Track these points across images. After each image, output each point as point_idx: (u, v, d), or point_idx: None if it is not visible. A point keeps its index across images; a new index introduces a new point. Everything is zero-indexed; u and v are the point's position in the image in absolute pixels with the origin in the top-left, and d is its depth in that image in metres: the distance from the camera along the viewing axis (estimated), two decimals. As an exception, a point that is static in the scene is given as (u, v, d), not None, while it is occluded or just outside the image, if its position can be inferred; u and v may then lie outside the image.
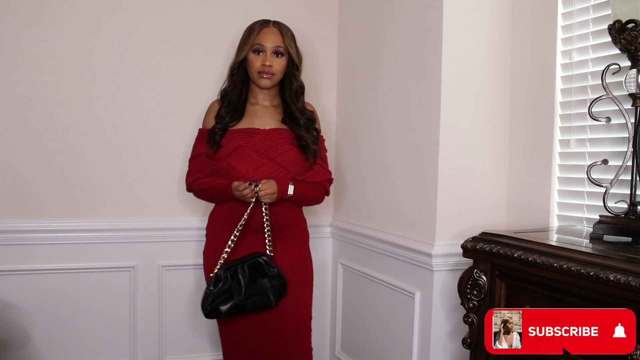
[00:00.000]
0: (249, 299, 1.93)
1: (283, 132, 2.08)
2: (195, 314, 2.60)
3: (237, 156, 2.02)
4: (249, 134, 2.06)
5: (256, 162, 2.01)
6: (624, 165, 1.55)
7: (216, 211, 2.15)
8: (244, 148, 2.02)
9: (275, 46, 2.06)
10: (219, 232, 2.09)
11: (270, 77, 2.06)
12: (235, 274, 1.92)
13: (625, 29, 1.47)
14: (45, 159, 2.38)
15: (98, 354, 2.49)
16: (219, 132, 2.06)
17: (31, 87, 2.35)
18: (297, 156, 2.06)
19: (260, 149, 2.03)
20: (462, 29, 1.96)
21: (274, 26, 2.10)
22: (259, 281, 1.94)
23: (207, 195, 2.11)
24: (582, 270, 1.32)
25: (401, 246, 2.13)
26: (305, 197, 2.10)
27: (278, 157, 2.03)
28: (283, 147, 2.05)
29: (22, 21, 2.32)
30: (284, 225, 2.06)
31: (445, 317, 1.99)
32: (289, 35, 2.11)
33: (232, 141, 2.04)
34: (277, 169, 2.02)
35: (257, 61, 2.05)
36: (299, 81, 2.13)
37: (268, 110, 2.13)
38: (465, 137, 1.99)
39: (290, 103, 2.12)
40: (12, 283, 2.35)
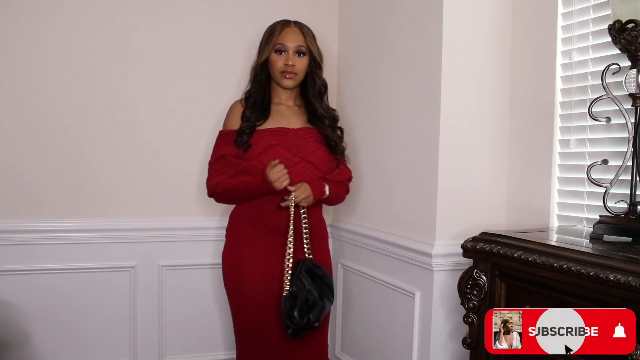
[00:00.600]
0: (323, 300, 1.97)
1: (311, 132, 2.08)
2: (195, 314, 2.61)
3: (269, 155, 1.99)
4: (278, 133, 2.04)
5: (289, 161, 1.99)
6: (624, 165, 1.55)
7: (237, 212, 2.12)
8: (275, 147, 2.00)
9: (297, 46, 2.06)
10: (239, 232, 2.07)
11: (293, 77, 2.06)
12: (303, 284, 1.94)
13: (625, 29, 1.47)
14: (45, 159, 2.38)
15: (98, 354, 2.49)
16: (247, 132, 2.03)
17: (32, 87, 2.35)
18: (325, 155, 2.07)
19: (291, 148, 2.02)
20: (462, 29, 1.96)
21: (295, 26, 2.10)
22: (318, 282, 1.98)
23: (235, 194, 2.03)
24: (582, 270, 1.32)
25: (401, 246, 2.13)
26: (336, 196, 2.11)
27: (309, 155, 2.03)
28: (313, 145, 2.05)
29: (22, 21, 2.32)
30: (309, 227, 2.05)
31: (445, 317, 1.99)
32: (310, 35, 2.11)
33: (263, 140, 2.02)
34: (308, 167, 2.02)
35: (280, 61, 2.05)
36: (321, 79, 2.14)
37: (293, 110, 2.13)
38: (465, 137, 1.99)
39: (314, 102, 2.12)
40: (12, 283, 2.35)
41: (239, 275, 2.03)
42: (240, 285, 2.03)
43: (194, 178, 2.57)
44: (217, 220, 2.59)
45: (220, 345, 2.66)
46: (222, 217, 2.61)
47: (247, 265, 2.01)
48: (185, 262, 2.58)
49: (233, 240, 2.09)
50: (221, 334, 2.66)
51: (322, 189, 2.02)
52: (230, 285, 2.08)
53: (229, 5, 2.58)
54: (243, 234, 2.05)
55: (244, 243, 2.03)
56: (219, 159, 2.07)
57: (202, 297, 2.61)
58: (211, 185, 2.07)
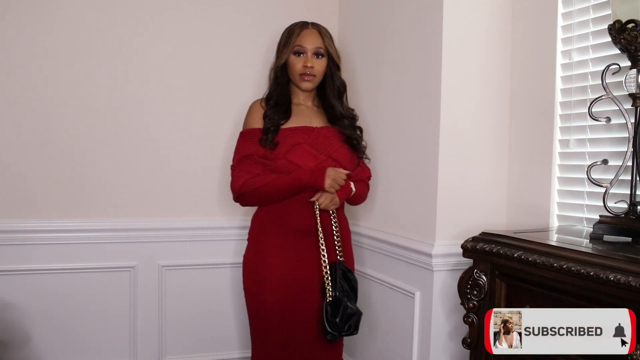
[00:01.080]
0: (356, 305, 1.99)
1: (333, 130, 2.08)
2: (195, 314, 2.61)
3: (297, 153, 1.98)
4: (303, 131, 2.03)
5: (316, 158, 1.99)
6: (624, 165, 1.55)
7: (261, 214, 2.08)
8: (302, 145, 1.99)
9: (315, 47, 2.05)
10: (263, 234, 2.04)
11: (311, 79, 2.05)
12: (343, 289, 1.96)
13: (625, 29, 1.47)
14: (45, 159, 2.38)
15: (98, 354, 2.49)
16: (272, 129, 2.00)
17: (31, 86, 2.35)
18: (348, 153, 2.07)
19: (316, 146, 2.01)
20: (462, 29, 1.96)
21: (313, 27, 2.09)
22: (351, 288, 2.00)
23: (266, 191, 1.97)
24: (582, 270, 1.32)
25: (401, 246, 2.13)
26: (360, 195, 2.11)
27: (334, 153, 2.02)
28: (336, 143, 2.05)
29: (22, 21, 2.32)
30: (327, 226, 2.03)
31: (445, 317, 1.99)
32: (328, 36, 2.10)
33: (289, 138, 1.99)
34: (335, 165, 2.00)
35: (299, 63, 2.04)
36: (340, 80, 2.13)
37: (313, 110, 2.13)
38: (465, 137, 1.99)
39: (333, 102, 2.11)
40: (12, 283, 2.35)
41: (261, 277, 1.99)
42: (263, 287, 1.99)
43: (194, 178, 2.57)
44: (216, 221, 2.60)
45: (221, 345, 2.66)
46: (221, 217, 2.61)
47: (270, 267, 1.98)
48: (186, 262, 2.58)
49: (256, 243, 2.05)
50: (222, 334, 2.66)
51: (348, 188, 2.02)
52: (250, 287, 2.04)
53: (229, 5, 2.58)
54: (267, 236, 2.02)
55: (268, 245, 2.00)
56: (243, 159, 2.01)
57: (202, 297, 2.61)
58: (238, 186, 1.99)
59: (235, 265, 2.63)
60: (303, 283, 1.97)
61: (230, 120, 2.56)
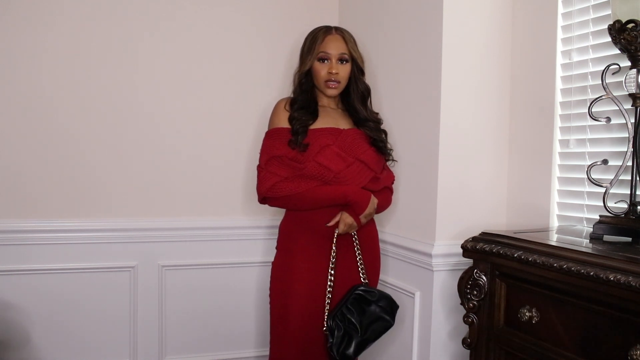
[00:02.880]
0: (369, 330, 1.94)
1: (360, 133, 2.05)
2: (195, 314, 2.61)
3: (326, 155, 1.93)
4: (332, 133, 2.00)
5: (346, 161, 1.95)
6: (624, 165, 1.55)
7: (289, 220, 2.05)
8: (331, 146, 1.95)
9: (340, 53, 2.01)
10: (292, 241, 2.01)
11: (336, 85, 2.02)
12: (344, 317, 1.92)
13: (625, 29, 1.47)
14: (45, 159, 2.38)
15: (98, 354, 2.49)
16: (301, 131, 1.95)
17: (32, 87, 2.35)
18: (375, 155, 2.03)
19: (344, 147, 1.98)
20: (462, 29, 1.96)
21: (336, 33, 2.05)
22: (368, 310, 1.94)
23: (305, 199, 1.93)
24: (582, 270, 1.32)
25: (401, 246, 2.13)
26: (382, 205, 2.07)
27: (361, 155, 1.99)
28: (364, 146, 2.02)
29: (22, 21, 2.32)
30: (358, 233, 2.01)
31: (445, 317, 1.99)
32: (352, 41, 2.06)
33: (317, 140, 1.95)
34: (362, 167, 1.98)
35: (323, 69, 2.01)
36: (364, 84, 2.09)
37: (338, 113, 2.10)
38: (465, 137, 1.99)
39: (357, 106, 2.07)
40: (12, 283, 2.35)
41: (287, 283, 1.97)
42: (288, 293, 1.97)
43: (194, 178, 2.57)
44: (216, 221, 2.60)
45: (221, 345, 2.66)
46: (221, 217, 2.61)
47: (298, 272, 1.96)
48: (186, 262, 2.58)
49: (285, 250, 2.03)
50: (222, 334, 2.66)
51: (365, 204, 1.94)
52: (276, 292, 2.02)
53: (229, 5, 2.58)
54: (296, 242, 2.00)
55: (297, 252, 1.98)
56: (272, 160, 1.96)
57: (203, 297, 2.61)
58: (265, 189, 1.95)
59: (235, 265, 2.65)
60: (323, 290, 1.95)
61: (234, 123, 2.57)
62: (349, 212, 1.93)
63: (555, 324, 1.43)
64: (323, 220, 1.95)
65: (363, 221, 1.96)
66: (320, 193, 1.92)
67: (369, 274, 2.02)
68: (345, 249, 1.98)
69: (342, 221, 1.93)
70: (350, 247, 1.99)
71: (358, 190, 1.94)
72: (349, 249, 1.99)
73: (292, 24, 2.61)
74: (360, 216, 1.94)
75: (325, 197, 1.92)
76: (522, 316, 1.52)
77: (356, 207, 1.93)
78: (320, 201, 1.93)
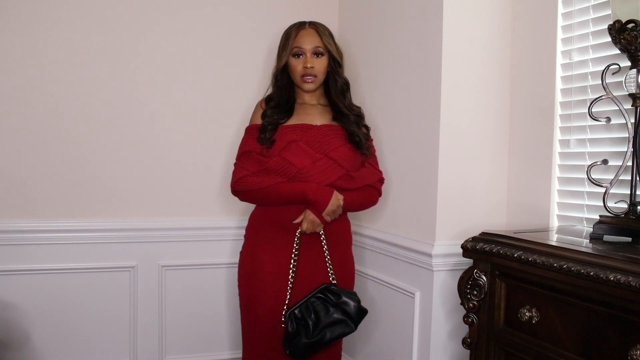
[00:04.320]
0: (325, 332, 1.90)
1: (335, 129, 2.04)
2: (196, 314, 2.61)
3: (292, 151, 1.96)
4: (302, 129, 2.01)
5: (311, 157, 1.96)
6: (624, 165, 1.55)
7: (257, 211, 2.08)
8: (297, 142, 1.97)
9: (314, 47, 2.02)
10: (259, 232, 2.04)
11: (313, 79, 2.03)
12: (302, 315, 1.90)
13: (625, 29, 1.47)
14: (45, 159, 2.38)
15: (98, 354, 2.49)
16: (269, 128, 1.99)
17: (32, 86, 2.35)
18: (349, 152, 2.02)
19: (313, 144, 1.98)
20: (462, 28, 1.96)
21: (310, 27, 2.06)
22: (329, 312, 1.92)
23: (266, 195, 1.96)
24: (582, 270, 1.32)
25: (401, 246, 2.13)
26: (360, 204, 2.06)
27: (331, 152, 1.98)
28: (335, 142, 2.00)
29: (23, 21, 2.32)
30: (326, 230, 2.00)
31: (445, 317, 1.99)
32: (327, 34, 2.07)
33: (285, 135, 1.98)
34: (330, 164, 1.97)
35: (299, 65, 2.02)
36: (342, 78, 2.10)
37: (317, 108, 2.10)
38: (465, 137, 1.99)
39: (337, 101, 2.08)
40: (12, 283, 2.35)
41: (253, 275, 2.00)
42: (254, 285, 2.00)
43: (194, 178, 2.58)
44: (216, 220, 2.60)
45: (221, 345, 2.66)
46: (220, 217, 2.61)
47: (263, 265, 1.98)
48: (186, 262, 2.58)
49: (252, 240, 2.06)
50: (222, 333, 2.66)
51: (324, 203, 1.92)
52: (243, 285, 2.05)
53: (229, 4, 2.58)
54: (262, 234, 2.02)
55: (264, 244, 2.00)
56: (243, 155, 2.02)
57: (203, 297, 2.61)
58: (232, 182, 2.01)
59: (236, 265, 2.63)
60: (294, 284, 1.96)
61: (232, 121, 2.57)
62: (311, 210, 1.93)
63: (555, 324, 1.43)
64: (290, 215, 1.96)
65: (327, 219, 1.94)
66: (283, 190, 1.93)
67: (338, 274, 2.01)
68: (312, 247, 1.98)
69: (305, 219, 1.93)
70: (318, 244, 1.99)
71: (318, 188, 1.93)
72: (316, 247, 1.98)
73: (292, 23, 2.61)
74: (323, 214, 1.92)
75: (286, 194, 1.94)
76: (522, 316, 1.52)
77: (316, 205, 1.92)
78: (282, 198, 1.95)
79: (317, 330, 1.90)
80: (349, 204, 1.99)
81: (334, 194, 1.94)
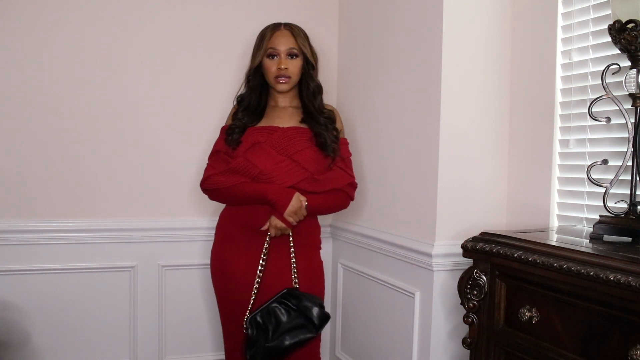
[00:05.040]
0: (284, 338, 1.89)
1: (302, 131, 2.06)
2: (195, 314, 2.61)
3: (255, 152, 1.99)
4: (267, 131, 2.03)
5: (274, 159, 1.98)
6: (624, 165, 1.55)
7: (227, 212, 2.12)
8: (262, 144, 1.99)
9: (288, 48, 2.04)
10: (228, 233, 2.07)
11: (287, 80, 2.05)
12: (263, 319, 1.90)
13: (625, 29, 1.47)
14: (45, 159, 2.38)
15: (98, 354, 2.49)
16: (237, 130, 2.04)
17: (32, 87, 2.35)
18: (315, 154, 2.03)
19: (278, 146, 2.00)
20: (462, 28, 1.96)
21: (285, 28, 2.08)
22: (289, 316, 1.91)
23: (231, 194, 2.01)
24: (582, 270, 1.32)
25: (401, 246, 2.13)
26: (327, 207, 2.08)
27: (295, 154, 2.00)
28: (300, 145, 2.02)
29: (22, 21, 2.32)
30: (293, 233, 2.02)
31: (445, 317, 1.99)
32: (302, 36, 2.09)
33: (251, 137, 2.02)
34: (294, 166, 1.99)
35: (273, 66, 2.04)
36: (315, 81, 2.11)
37: (287, 110, 2.12)
38: (465, 137, 1.99)
39: (308, 103, 2.10)
40: (12, 283, 2.35)
41: (225, 274, 2.04)
42: (226, 284, 2.04)
43: (194, 178, 2.57)
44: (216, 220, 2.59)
45: (221, 345, 2.65)
46: (222, 217, 2.61)
47: (232, 265, 2.02)
48: (186, 262, 2.58)
49: (220, 238, 2.10)
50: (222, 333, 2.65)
51: (285, 203, 1.93)
52: (216, 284, 2.10)
53: (229, 4, 2.58)
54: (230, 233, 2.05)
55: (231, 242, 2.04)
56: (213, 154, 2.09)
57: (203, 297, 2.61)
58: (201, 180, 2.09)
59: (235, 265, 2.65)
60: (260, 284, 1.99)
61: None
62: (274, 214, 1.95)
63: (555, 324, 1.43)
64: (257, 217, 1.98)
65: (291, 220, 1.95)
66: (246, 189, 1.97)
67: (306, 278, 2.01)
68: (280, 251, 2.00)
69: (271, 225, 1.96)
70: (285, 247, 2.00)
71: (279, 190, 1.95)
72: (284, 251, 2.00)
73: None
74: (285, 215, 1.93)
75: (249, 193, 1.96)
76: (522, 316, 1.52)
77: (276, 206, 1.94)
78: (245, 197, 1.98)
79: (276, 335, 1.89)
80: (315, 206, 2.00)
81: (296, 195, 1.95)
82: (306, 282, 2.02)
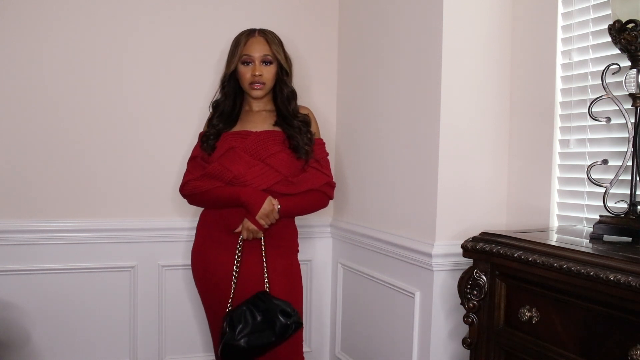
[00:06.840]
0: (243, 340, 1.88)
1: (274, 134, 2.08)
2: (195, 314, 2.61)
3: (229, 157, 2.03)
4: (241, 136, 2.08)
5: (248, 163, 2.01)
6: (624, 165, 1.55)
7: (207, 212, 2.15)
8: (235, 149, 2.03)
9: (262, 55, 2.07)
10: (208, 232, 2.11)
11: (261, 87, 2.08)
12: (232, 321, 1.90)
13: (625, 29, 1.47)
14: (45, 159, 2.38)
15: (98, 354, 2.49)
16: (212, 137, 2.09)
17: (31, 87, 2.35)
18: (288, 157, 2.05)
19: (251, 150, 2.04)
20: (462, 28, 1.96)
21: (259, 35, 2.11)
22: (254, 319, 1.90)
23: (208, 199, 2.06)
24: (582, 270, 1.32)
25: (401, 246, 2.13)
26: (302, 208, 2.09)
27: (268, 158, 2.03)
28: (273, 148, 2.05)
29: (22, 21, 2.32)
30: (268, 235, 2.03)
31: (445, 317, 1.99)
32: (276, 42, 2.11)
33: (225, 142, 2.07)
34: (267, 170, 2.02)
35: (247, 72, 2.07)
36: (289, 87, 2.14)
37: (261, 115, 2.15)
38: (465, 137, 1.99)
39: (282, 107, 2.13)
40: (12, 283, 2.35)
41: (206, 271, 2.08)
42: (208, 281, 2.08)
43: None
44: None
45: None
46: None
47: (212, 263, 2.06)
48: (186, 262, 2.56)
49: (201, 237, 2.13)
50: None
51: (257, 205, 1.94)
52: (197, 281, 2.14)
53: (229, 4, 2.58)
54: (210, 232, 2.09)
55: (211, 241, 2.08)
56: (191, 160, 2.15)
57: (202, 297, 2.61)
58: (180, 186, 2.14)
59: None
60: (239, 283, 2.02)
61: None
62: (247, 217, 1.97)
63: (555, 324, 1.43)
64: (234, 218, 2.01)
65: (262, 223, 1.97)
66: (221, 193, 2.01)
67: (282, 281, 2.02)
68: (254, 252, 2.02)
69: (244, 228, 1.98)
70: (257, 250, 2.01)
71: (252, 192, 1.97)
72: (257, 252, 2.01)
73: (292, 24, 2.61)
74: (257, 217, 1.95)
75: (225, 197, 2.01)
76: (522, 316, 1.52)
77: (249, 208, 1.96)
78: (220, 200, 2.02)
79: (240, 335, 1.89)
80: (289, 208, 2.03)
81: (268, 198, 1.98)
82: (282, 285, 2.02)
